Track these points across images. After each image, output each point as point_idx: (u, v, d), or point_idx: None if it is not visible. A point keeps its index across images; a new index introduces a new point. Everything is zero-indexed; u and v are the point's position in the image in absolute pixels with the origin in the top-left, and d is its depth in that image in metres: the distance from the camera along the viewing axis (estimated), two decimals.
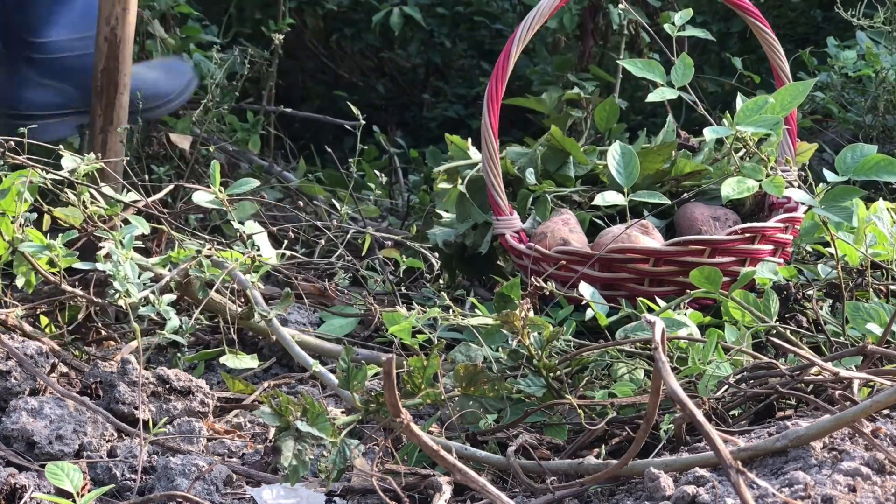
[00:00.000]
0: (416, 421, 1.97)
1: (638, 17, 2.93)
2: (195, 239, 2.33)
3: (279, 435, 1.68)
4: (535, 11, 2.24)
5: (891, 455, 1.49)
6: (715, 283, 2.03)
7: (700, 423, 1.37)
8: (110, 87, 2.58)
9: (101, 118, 2.60)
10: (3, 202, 2.07)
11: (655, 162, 2.43)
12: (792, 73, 2.45)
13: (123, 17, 2.56)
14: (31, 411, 1.86)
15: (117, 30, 2.56)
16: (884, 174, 1.97)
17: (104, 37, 2.57)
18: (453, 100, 4.83)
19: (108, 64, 2.57)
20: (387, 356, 1.49)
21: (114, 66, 2.57)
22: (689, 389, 1.82)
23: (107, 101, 2.59)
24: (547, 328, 1.86)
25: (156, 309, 1.96)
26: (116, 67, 2.57)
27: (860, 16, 3.14)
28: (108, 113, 2.59)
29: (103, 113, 2.59)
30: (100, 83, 2.58)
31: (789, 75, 2.36)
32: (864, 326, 1.92)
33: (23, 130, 2.23)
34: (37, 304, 2.22)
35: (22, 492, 1.70)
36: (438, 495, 1.64)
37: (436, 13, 4.76)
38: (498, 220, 2.33)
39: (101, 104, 2.59)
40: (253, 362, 2.13)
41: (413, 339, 2.04)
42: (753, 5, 2.35)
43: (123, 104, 2.59)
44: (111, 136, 2.59)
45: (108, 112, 2.59)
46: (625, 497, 1.64)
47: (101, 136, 2.60)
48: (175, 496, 1.68)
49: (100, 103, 2.59)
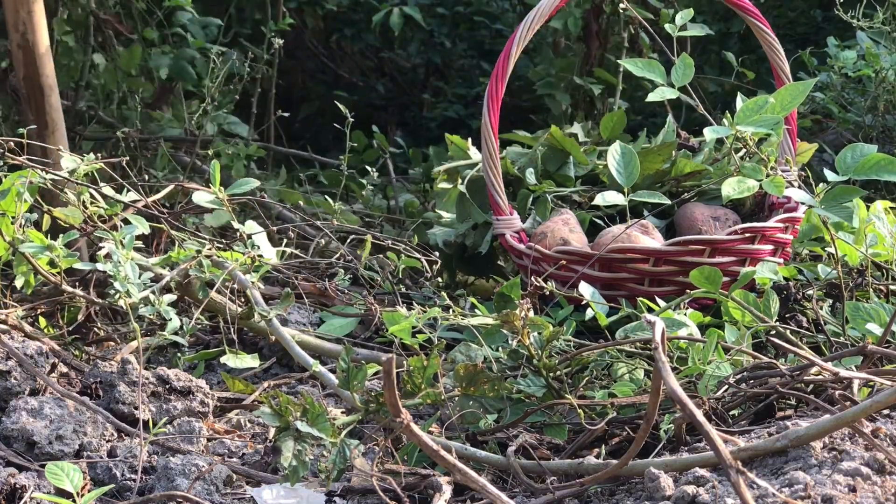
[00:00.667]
0: (416, 421, 1.97)
1: (640, 17, 2.93)
2: (195, 239, 2.33)
3: (279, 435, 1.68)
4: (535, 11, 2.24)
5: (891, 455, 1.49)
6: (715, 283, 2.03)
7: (700, 423, 1.37)
8: (36, 92, 2.54)
9: (37, 124, 2.55)
10: (2, 203, 2.07)
11: (655, 162, 2.43)
12: (792, 73, 2.45)
13: (30, 19, 2.51)
14: (31, 411, 1.86)
15: (27, 35, 2.51)
16: (884, 174, 1.97)
17: (17, 44, 2.51)
18: (453, 100, 4.83)
19: (28, 70, 2.52)
20: (387, 356, 1.49)
21: (34, 72, 2.52)
22: (689, 389, 1.82)
23: (36, 106, 2.54)
24: (547, 328, 1.86)
25: (156, 309, 1.96)
26: (37, 72, 2.53)
27: (860, 16, 3.14)
28: (41, 118, 2.54)
29: (36, 118, 2.55)
30: (25, 91, 2.54)
31: (789, 75, 2.36)
32: (864, 326, 1.92)
33: (22, 131, 2.22)
34: (37, 305, 2.22)
35: (22, 492, 1.70)
36: (438, 495, 1.64)
37: (436, 13, 4.76)
38: (498, 220, 2.33)
39: (32, 110, 2.55)
40: (254, 362, 2.13)
41: (413, 339, 2.04)
42: (753, 5, 2.35)
43: (54, 105, 2.56)
44: (49, 141, 2.55)
45: (40, 117, 2.54)
46: (625, 497, 1.64)
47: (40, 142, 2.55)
48: (175, 496, 1.68)
49: (30, 110, 2.55)
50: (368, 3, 4.66)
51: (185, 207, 2.70)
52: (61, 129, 2.55)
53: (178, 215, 2.49)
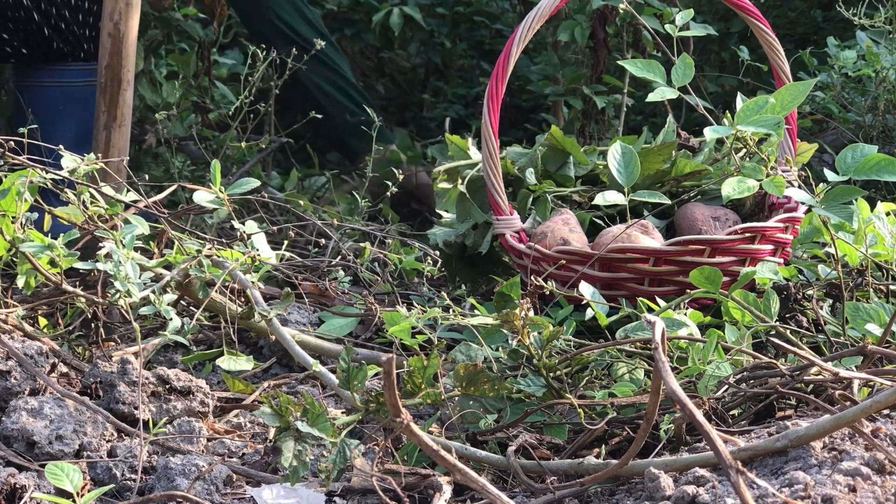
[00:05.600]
0: (416, 421, 1.97)
1: (640, 17, 2.93)
2: (195, 238, 2.33)
3: (279, 435, 1.68)
4: (535, 11, 2.24)
5: (891, 455, 1.49)
6: (715, 283, 2.03)
7: (700, 423, 1.37)
8: (114, 83, 2.57)
9: (105, 115, 2.58)
10: (3, 202, 2.07)
11: (656, 162, 2.43)
12: (792, 73, 2.45)
13: (127, 12, 2.55)
14: (31, 411, 1.86)
15: (120, 25, 2.55)
16: (884, 174, 1.97)
17: (108, 33, 2.56)
18: (453, 100, 4.83)
19: (112, 60, 2.56)
20: (387, 356, 1.49)
21: (117, 63, 2.56)
22: (689, 389, 1.82)
23: (110, 97, 2.58)
24: (547, 328, 1.86)
25: (156, 309, 1.96)
26: (120, 63, 2.56)
27: (860, 16, 3.14)
28: (112, 110, 2.58)
29: (107, 110, 2.58)
30: (103, 79, 2.57)
31: (789, 75, 2.36)
32: (863, 326, 1.92)
33: (22, 130, 2.23)
34: (37, 305, 2.22)
35: (22, 492, 1.70)
36: (438, 495, 1.64)
37: (436, 13, 4.76)
38: (498, 219, 2.33)
39: (105, 101, 2.58)
40: (248, 364, 2.12)
41: (413, 339, 2.04)
42: (753, 5, 2.35)
43: (127, 101, 2.59)
44: (115, 133, 2.58)
45: (111, 109, 2.58)
46: (625, 497, 1.64)
47: (105, 133, 2.59)
48: (175, 496, 1.68)
49: (104, 100, 2.58)
50: (368, 3, 4.65)
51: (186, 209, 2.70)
52: (127, 125, 2.60)
53: (179, 216, 2.49)
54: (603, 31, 3.42)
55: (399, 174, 2.81)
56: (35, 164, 2.13)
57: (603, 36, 3.43)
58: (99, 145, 2.58)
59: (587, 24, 3.35)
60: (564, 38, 3.34)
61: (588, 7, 3.32)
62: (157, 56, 3.70)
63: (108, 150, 2.56)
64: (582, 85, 3.46)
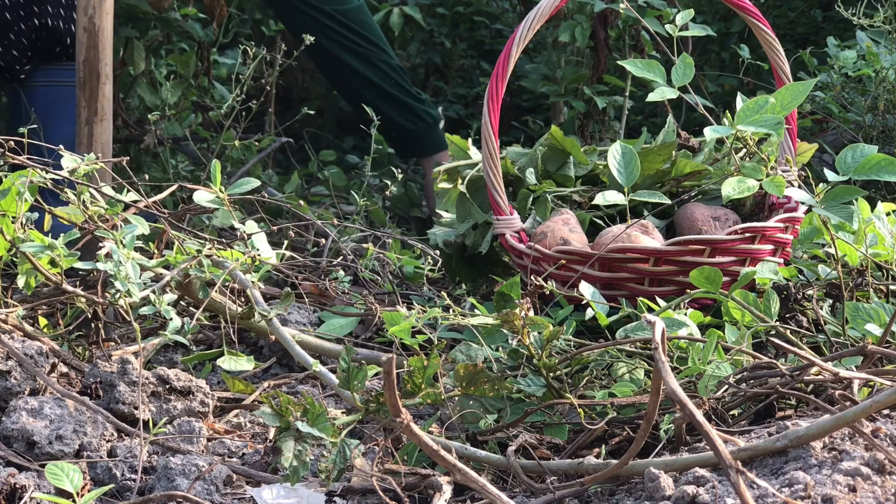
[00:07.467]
0: (416, 421, 1.97)
1: (642, 19, 2.93)
2: (195, 238, 2.33)
3: (279, 435, 1.68)
4: (535, 11, 2.24)
5: (891, 455, 1.49)
6: (715, 283, 2.03)
7: (700, 423, 1.37)
8: (92, 77, 2.56)
9: (86, 110, 2.57)
10: (3, 202, 2.07)
11: (656, 162, 2.43)
12: (792, 73, 2.45)
13: (101, 5, 2.54)
14: (31, 411, 1.86)
15: (95, 19, 2.54)
16: (884, 174, 1.97)
17: (83, 27, 2.55)
18: (453, 100, 4.83)
19: (89, 55, 2.55)
20: (387, 356, 1.49)
21: (94, 57, 2.55)
22: (689, 389, 1.82)
23: (90, 92, 2.57)
24: (547, 328, 1.86)
25: (156, 309, 1.96)
26: (97, 57, 2.55)
27: (860, 16, 3.14)
28: (93, 104, 2.56)
29: (87, 105, 2.57)
30: (82, 74, 2.57)
31: (789, 75, 2.36)
32: (863, 326, 1.92)
33: (23, 130, 2.23)
34: (37, 305, 2.22)
35: (22, 492, 1.70)
36: (438, 495, 1.64)
37: (436, 13, 4.76)
38: (498, 219, 2.33)
39: (85, 96, 2.57)
40: (248, 365, 2.12)
41: (413, 339, 2.04)
42: (753, 5, 2.35)
43: (107, 94, 2.58)
44: (97, 128, 2.57)
45: (91, 104, 2.56)
46: (625, 497, 1.64)
47: (87, 128, 2.57)
48: (175, 496, 1.68)
49: (83, 95, 2.57)
50: (368, 3, 4.66)
51: (186, 208, 2.70)
52: (109, 120, 2.58)
53: (179, 216, 2.49)
54: (604, 32, 3.42)
55: (399, 174, 2.81)
56: (35, 163, 2.13)
57: (604, 36, 3.43)
58: (82, 141, 2.57)
59: (587, 25, 3.35)
60: (565, 38, 3.34)
61: (588, 8, 3.32)
62: (157, 56, 3.70)
63: (91, 145, 2.56)
64: (583, 85, 3.46)
